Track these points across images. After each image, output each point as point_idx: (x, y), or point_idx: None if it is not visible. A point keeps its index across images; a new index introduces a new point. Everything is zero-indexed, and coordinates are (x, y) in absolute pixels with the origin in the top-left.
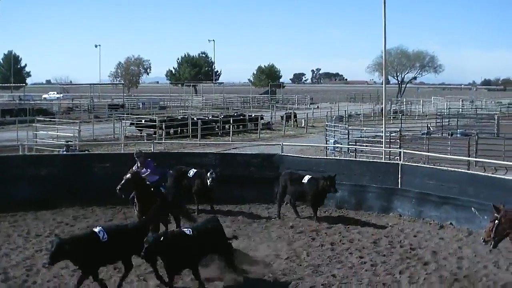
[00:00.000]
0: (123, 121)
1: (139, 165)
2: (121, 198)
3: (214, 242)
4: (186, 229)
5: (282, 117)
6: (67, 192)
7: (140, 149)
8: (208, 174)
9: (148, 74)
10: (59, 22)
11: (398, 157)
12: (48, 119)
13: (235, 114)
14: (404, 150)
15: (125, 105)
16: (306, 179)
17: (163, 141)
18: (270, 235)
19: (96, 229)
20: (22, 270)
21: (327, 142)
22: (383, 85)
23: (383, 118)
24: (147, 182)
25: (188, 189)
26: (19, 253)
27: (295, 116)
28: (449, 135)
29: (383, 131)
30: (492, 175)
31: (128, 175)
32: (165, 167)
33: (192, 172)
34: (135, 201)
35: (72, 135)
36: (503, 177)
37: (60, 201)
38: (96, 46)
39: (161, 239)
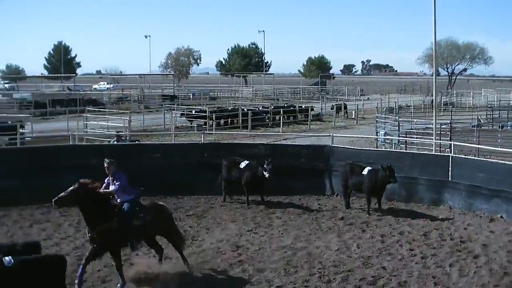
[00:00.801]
0: (173, 111)
1: (110, 177)
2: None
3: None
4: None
5: (332, 108)
6: None
7: (111, 159)
8: (265, 165)
9: (198, 64)
10: (110, 12)
11: (449, 150)
12: (98, 109)
13: (285, 105)
14: (455, 143)
15: (179, 96)
16: (366, 170)
17: (213, 132)
18: (320, 227)
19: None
20: (73, 259)
21: (377, 134)
22: (433, 77)
23: (434, 110)
24: (113, 201)
25: (238, 181)
26: (69, 242)
27: (345, 107)
28: (499, 128)
29: (434, 123)
30: None
31: (73, 186)
32: (215, 158)
33: (244, 164)
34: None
35: (122, 125)
36: None
37: None
38: (146, 36)
39: None
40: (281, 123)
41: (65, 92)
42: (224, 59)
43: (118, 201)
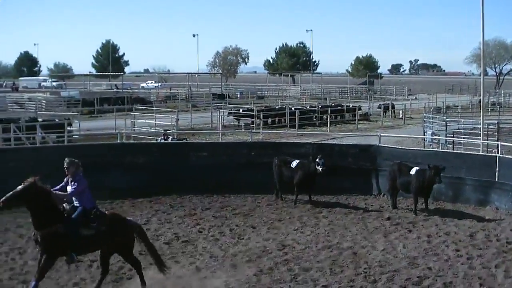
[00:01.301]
0: (221, 110)
1: (69, 179)
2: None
3: None
4: None
5: (379, 107)
6: (164, 180)
7: (72, 159)
8: (318, 160)
9: (246, 63)
10: (158, 11)
11: (496, 150)
12: (146, 107)
13: (333, 104)
14: (502, 143)
15: (227, 95)
16: (413, 170)
17: (261, 131)
18: (367, 227)
19: None
20: (118, 257)
21: (425, 134)
22: (481, 77)
23: (481, 110)
24: (64, 205)
25: (290, 179)
26: None
27: (393, 107)
28: None
29: (481, 123)
30: None
31: (22, 185)
32: (262, 157)
33: (295, 163)
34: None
35: (169, 123)
36: None
37: (157, 189)
38: (194, 35)
39: None
40: (328, 123)
41: (113, 91)
42: (272, 58)
43: (70, 206)
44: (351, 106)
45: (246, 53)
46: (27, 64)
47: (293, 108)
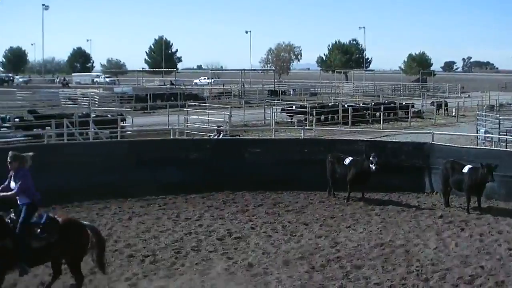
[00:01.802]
0: (274, 107)
1: (13, 174)
2: None
3: None
4: None
5: (432, 105)
6: (217, 176)
7: (16, 153)
8: (371, 157)
9: (299, 60)
10: (211, 7)
11: None
12: (198, 104)
13: (386, 101)
14: None
15: (280, 92)
16: (466, 168)
17: (314, 128)
18: (419, 224)
19: None
20: (170, 252)
21: (478, 132)
22: None
23: None
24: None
25: (343, 177)
26: (168, 235)
27: (446, 104)
28: None
29: None
30: None
31: None
32: (315, 154)
33: (348, 160)
34: None
35: (222, 120)
36: None
37: (210, 185)
38: (246, 32)
39: None
40: (381, 120)
41: (166, 87)
42: (324, 55)
43: (14, 215)
44: (404, 103)
45: (299, 49)
46: (80, 60)
47: (346, 105)
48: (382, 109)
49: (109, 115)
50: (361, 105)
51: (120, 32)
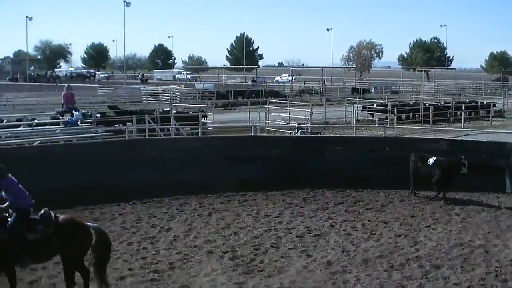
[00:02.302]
0: (355, 105)
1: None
2: None
3: None
4: None
5: None
6: (297, 173)
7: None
8: (461, 159)
9: (380, 58)
10: (292, 5)
11: None
12: (279, 101)
13: (467, 100)
14: None
15: (361, 90)
16: None
17: (394, 126)
18: (499, 225)
19: None
20: (250, 249)
21: None
22: None
23: None
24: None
25: (425, 176)
26: (247, 232)
27: None
28: None
29: None
30: None
31: None
32: (396, 152)
33: (432, 160)
34: None
35: (303, 117)
36: None
37: (290, 183)
38: (328, 29)
39: None
40: (462, 119)
41: (247, 84)
42: (406, 53)
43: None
44: (485, 102)
45: (380, 47)
46: (162, 56)
47: (427, 104)
48: (463, 108)
49: (190, 112)
50: (442, 103)
51: (202, 29)
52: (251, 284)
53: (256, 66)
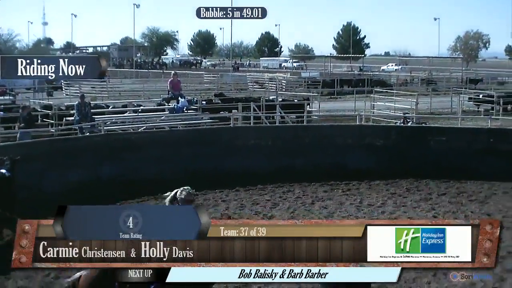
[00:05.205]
0: (460, 95)
1: None
2: None
3: None
4: None
5: None
6: (401, 163)
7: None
8: None
9: (487, 49)
10: None
11: None
12: (385, 90)
13: None
14: None
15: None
16: None
17: (500, 117)
18: None
19: None
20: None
21: None
22: None
23: None
24: None
25: None
26: None
27: None
28: None
29: None
30: None
31: None
32: (501, 144)
33: None
34: None
35: (409, 107)
36: None
37: (394, 172)
38: (435, 19)
39: None
40: None
41: (353, 73)
42: None
43: None
44: None
45: (487, 38)
46: (268, 44)
47: None
48: None
49: (295, 100)
50: None
51: (309, 17)
52: None
53: (363, 55)
